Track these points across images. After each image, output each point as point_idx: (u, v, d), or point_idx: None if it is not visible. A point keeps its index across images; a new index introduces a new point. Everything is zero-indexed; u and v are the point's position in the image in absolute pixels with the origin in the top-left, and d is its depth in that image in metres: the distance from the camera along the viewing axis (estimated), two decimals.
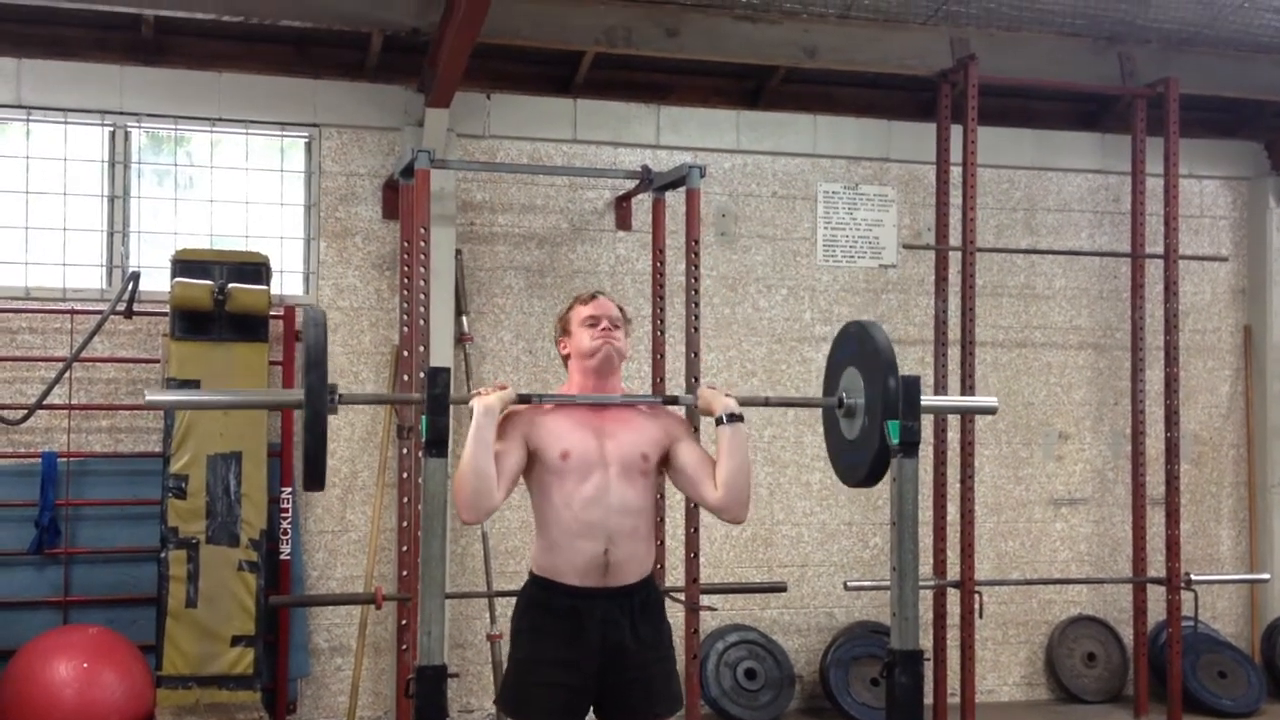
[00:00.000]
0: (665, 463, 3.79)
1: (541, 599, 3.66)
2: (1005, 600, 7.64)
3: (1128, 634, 7.57)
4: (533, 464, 3.66)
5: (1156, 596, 7.36)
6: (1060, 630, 7.72)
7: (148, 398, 3.85)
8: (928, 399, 4.45)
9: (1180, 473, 7.37)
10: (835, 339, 4.29)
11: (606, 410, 3.74)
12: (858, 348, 4.07)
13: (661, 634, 3.76)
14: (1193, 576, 7.23)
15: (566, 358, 3.84)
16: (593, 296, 3.86)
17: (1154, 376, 7.49)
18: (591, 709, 3.70)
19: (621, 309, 3.88)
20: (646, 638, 3.68)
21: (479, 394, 3.61)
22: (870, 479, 4.03)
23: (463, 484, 3.49)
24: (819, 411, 4.32)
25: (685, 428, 3.87)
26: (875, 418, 3.90)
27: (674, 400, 4.04)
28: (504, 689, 3.76)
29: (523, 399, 3.69)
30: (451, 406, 3.62)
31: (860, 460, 4.04)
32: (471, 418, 3.54)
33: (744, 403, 3.85)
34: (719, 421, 3.79)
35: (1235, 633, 8.08)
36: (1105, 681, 7.66)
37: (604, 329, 3.76)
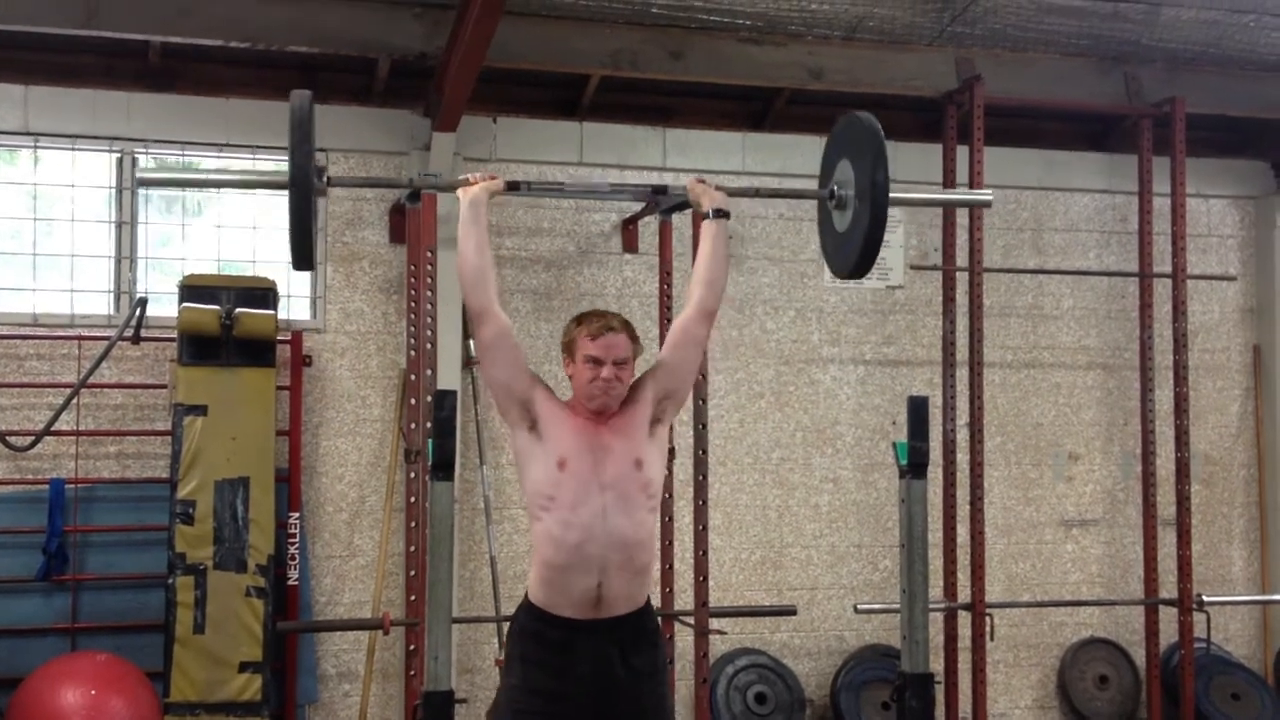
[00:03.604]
0: (663, 412, 3.78)
1: (534, 629, 3.64)
2: (1016, 623, 7.60)
3: (1140, 656, 7.52)
4: (529, 443, 3.63)
5: (1168, 618, 7.31)
6: (1072, 652, 7.67)
7: (139, 175, 3.89)
8: (918, 195, 4.40)
9: (1191, 493, 7.34)
10: (831, 131, 4.30)
11: (603, 424, 3.70)
12: (850, 139, 4.06)
13: (655, 662, 3.73)
14: (1205, 598, 7.18)
15: (571, 375, 3.82)
16: (601, 333, 3.70)
17: (1163, 396, 7.46)
18: None
19: (631, 333, 3.77)
20: (639, 667, 3.65)
21: (466, 182, 3.71)
22: (859, 268, 4.07)
23: (461, 270, 3.64)
24: (828, 432, 4.30)
25: (650, 373, 3.83)
26: (865, 201, 3.90)
27: (663, 190, 4.09)
28: (494, 713, 3.75)
29: (511, 186, 3.73)
30: (457, 428, 3.61)
31: (850, 246, 4.05)
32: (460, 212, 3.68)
33: (733, 194, 3.96)
34: (705, 216, 3.88)
35: (1248, 654, 8.03)
36: (1118, 704, 7.61)
37: (605, 380, 3.67)
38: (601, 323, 3.73)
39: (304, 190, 3.42)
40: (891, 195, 3.96)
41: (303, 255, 3.61)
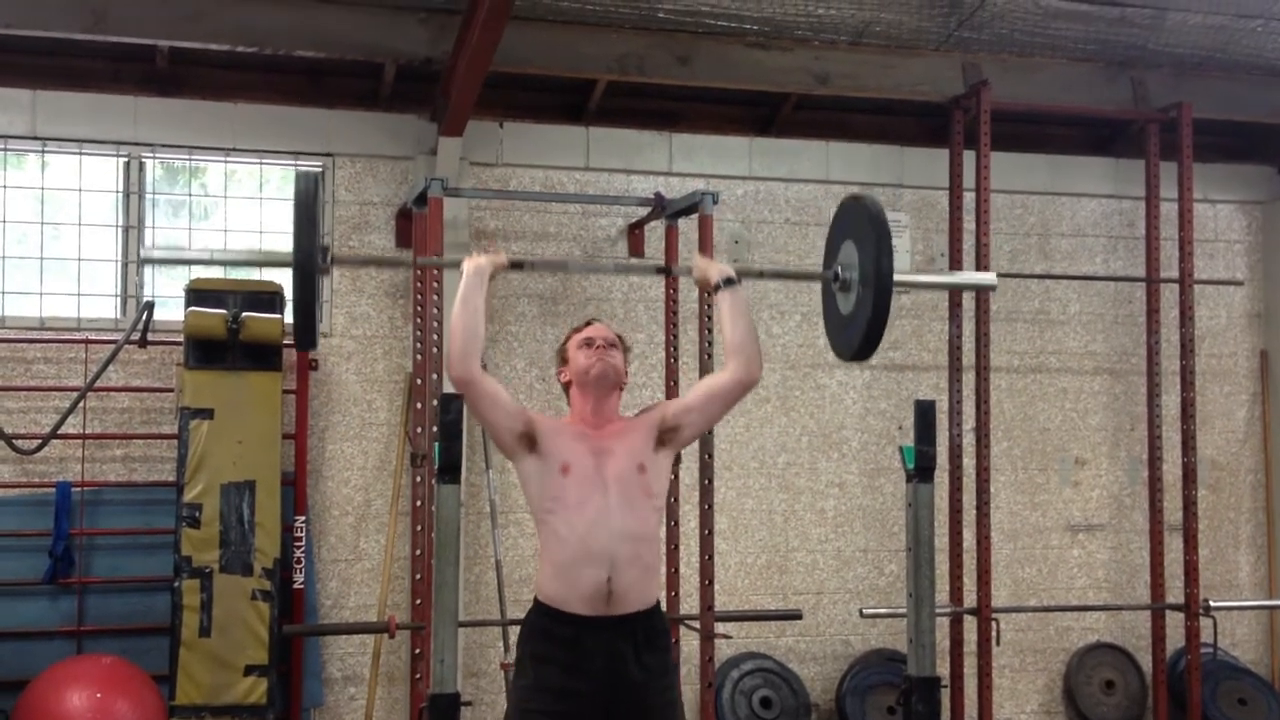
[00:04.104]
0: (671, 438, 3.80)
1: (545, 627, 3.65)
2: (1022, 627, 7.59)
3: (1146, 661, 7.51)
4: (534, 466, 3.67)
5: (1175, 623, 7.29)
6: (1078, 658, 7.66)
7: (143, 253, 3.88)
8: (923, 276, 4.38)
9: (1198, 498, 7.32)
10: (835, 213, 4.26)
11: (604, 428, 3.74)
12: (854, 222, 4.04)
13: (666, 662, 3.76)
14: (1211, 603, 7.16)
15: (567, 385, 3.89)
16: (587, 323, 3.95)
17: (1170, 402, 7.45)
18: None
19: (620, 337, 3.93)
20: (652, 666, 3.66)
21: (471, 257, 3.71)
22: (863, 351, 4.01)
23: (451, 337, 3.62)
24: (833, 436, 4.29)
25: (666, 401, 3.90)
26: (869, 286, 3.86)
27: (668, 271, 4.06)
28: (508, 716, 3.76)
29: (515, 264, 3.74)
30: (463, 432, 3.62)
31: (854, 330, 4.01)
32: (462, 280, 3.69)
33: (738, 273, 3.88)
34: (716, 289, 3.85)
35: (1255, 659, 8.01)
36: (1124, 709, 7.59)
37: (599, 348, 3.82)
38: (587, 318, 4.06)
39: (308, 272, 3.45)
40: (896, 278, 3.92)
41: (306, 332, 3.62)
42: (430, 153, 6.72)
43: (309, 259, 3.45)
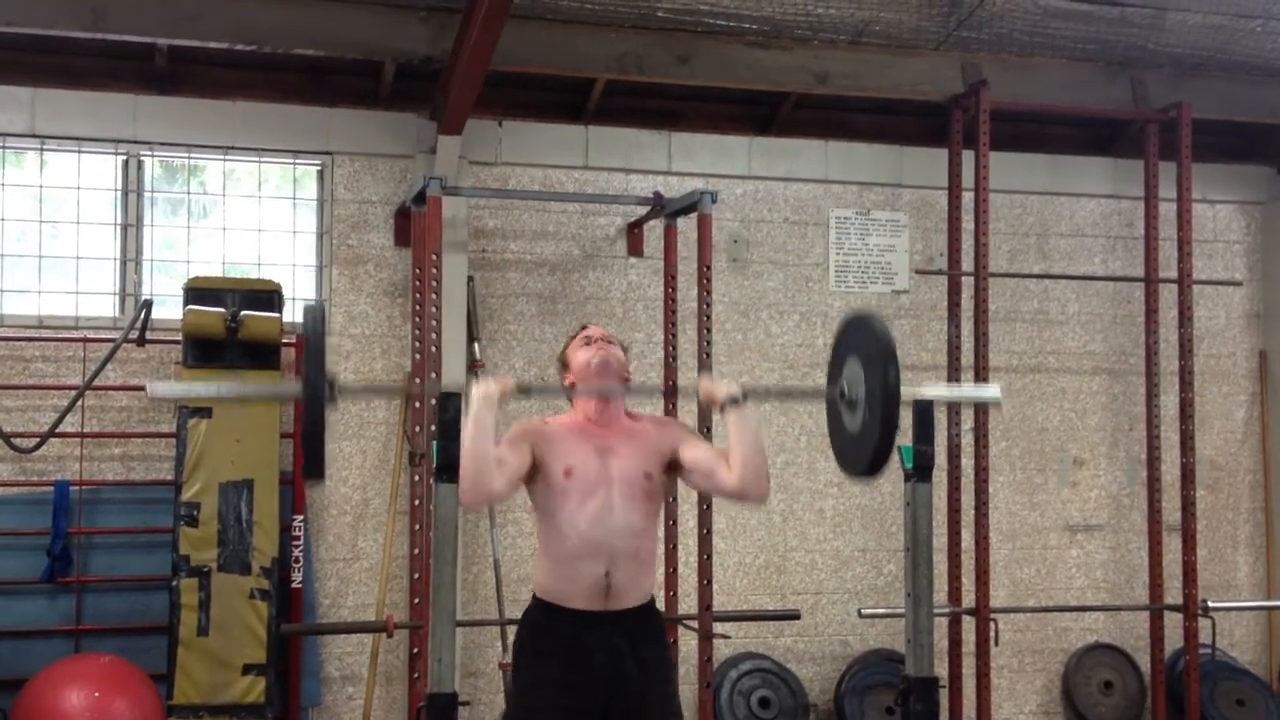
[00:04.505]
0: (675, 469, 3.82)
1: (544, 622, 3.69)
2: (1021, 628, 7.59)
3: (1145, 662, 7.51)
4: (537, 478, 3.70)
5: (1173, 624, 7.30)
6: (1077, 658, 7.66)
7: (150, 389, 3.87)
8: (929, 391, 4.32)
9: (1196, 498, 7.32)
10: (838, 329, 4.25)
11: (610, 428, 3.76)
12: (859, 339, 4.05)
13: (663, 657, 3.81)
14: (1210, 603, 7.17)
15: (570, 388, 3.88)
16: (583, 328, 4.01)
17: (1169, 402, 7.45)
18: None
19: (622, 344, 3.99)
20: (649, 660, 3.69)
21: (479, 382, 3.68)
22: (871, 471, 3.96)
23: (463, 465, 3.53)
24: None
25: (686, 430, 3.92)
26: (875, 409, 3.85)
27: (673, 390, 4.04)
28: (509, 713, 3.78)
29: (523, 389, 3.72)
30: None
31: (861, 452, 3.98)
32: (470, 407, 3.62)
33: (746, 393, 3.84)
34: (722, 409, 3.80)
35: (1253, 660, 8.01)
36: (1122, 710, 7.59)
37: (597, 342, 3.87)
38: (582, 324, 4.10)
39: (317, 404, 3.45)
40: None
41: (316, 464, 3.60)
42: (429, 151, 6.71)
43: (319, 393, 3.46)
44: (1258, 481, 8.12)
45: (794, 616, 6.73)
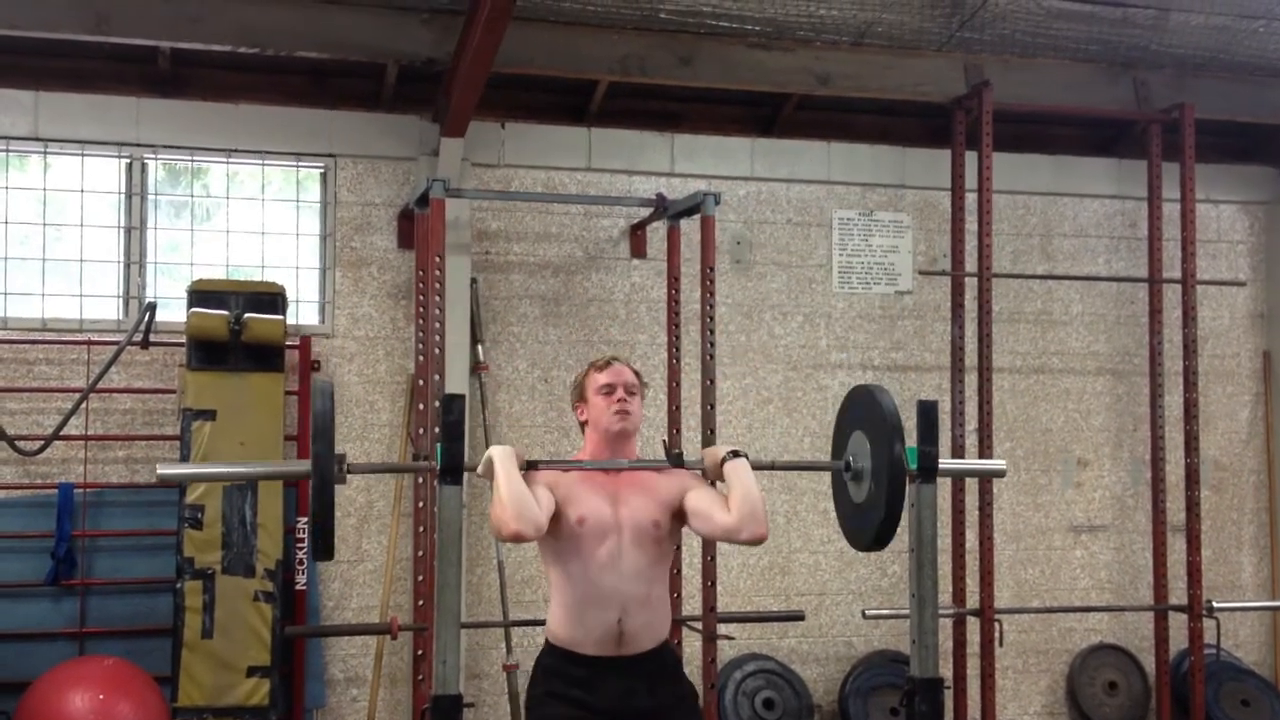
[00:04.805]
0: (680, 517, 3.81)
1: (557, 667, 3.72)
2: (1025, 629, 7.58)
3: (1149, 662, 7.50)
4: (553, 524, 3.66)
5: (1178, 624, 7.28)
6: (1081, 659, 7.65)
7: (160, 472, 3.87)
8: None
9: (1201, 499, 7.31)
10: (843, 402, 4.24)
11: (620, 477, 3.77)
12: (865, 412, 4.04)
13: (681, 691, 3.81)
14: (1214, 604, 7.15)
15: (584, 424, 3.89)
16: (608, 363, 3.90)
17: (1173, 402, 7.44)
18: None
19: (638, 374, 3.93)
20: (664, 697, 3.72)
21: (494, 446, 3.67)
22: (877, 544, 3.93)
23: (504, 506, 3.47)
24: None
25: (696, 478, 3.88)
26: (881, 483, 3.83)
27: (680, 459, 3.99)
28: None
29: (530, 465, 3.69)
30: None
31: (868, 524, 3.95)
32: (482, 468, 3.63)
33: (754, 468, 3.80)
34: (723, 463, 3.78)
35: (1258, 660, 8.00)
36: (1127, 710, 7.58)
37: (619, 400, 3.81)
38: (607, 357, 3.97)
39: (326, 483, 3.45)
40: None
41: (325, 544, 3.57)
42: (432, 154, 6.71)
43: (328, 471, 3.46)
44: (1262, 482, 8.11)
45: (798, 617, 6.72)
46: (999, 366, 7.30)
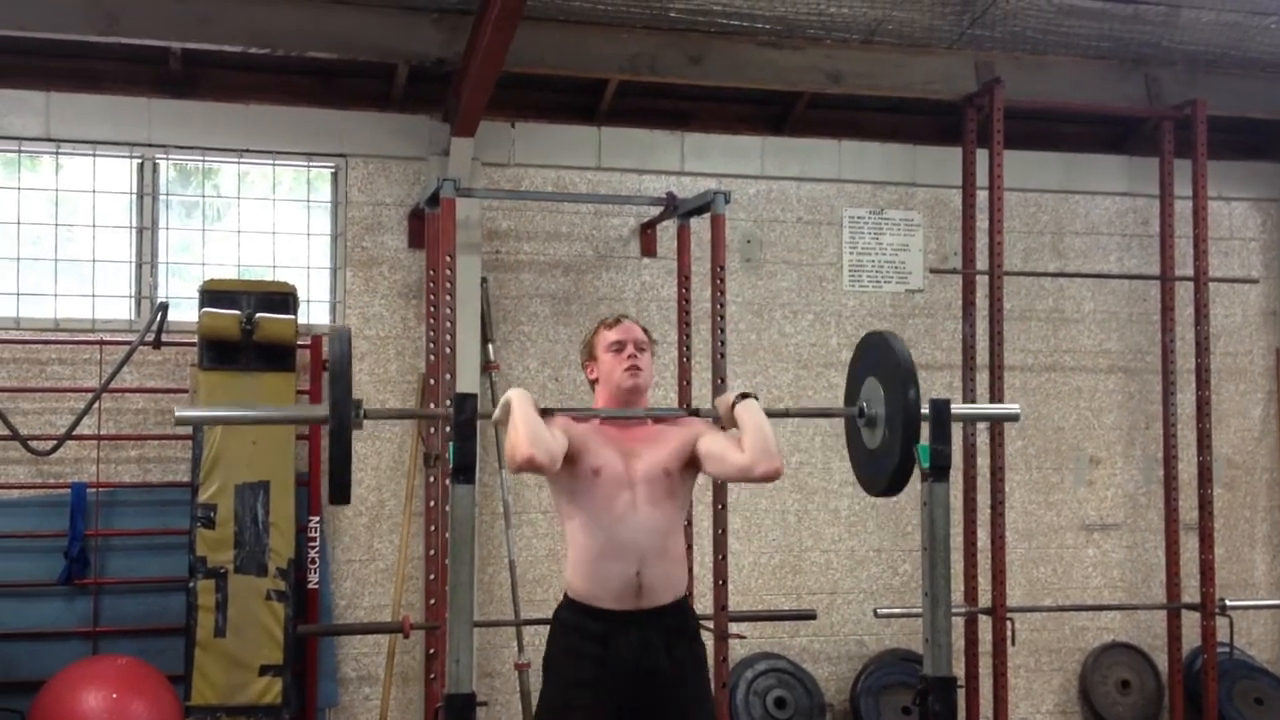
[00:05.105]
0: (693, 465, 3.82)
1: (575, 622, 3.71)
2: (1038, 627, 7.57)
3: (1162, 661, 7.48)
4: (568, 472, 3.69)
5: (1191, 623, 7.27)
6: (1094, 657, 7.64)
7: (178, 414, 3.89)
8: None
9: (1213, 497, 7.30)
10: (856, 348, 4.27)
11: (633, 432, 3.78)
12: (878, 358, 4.06)
13: (698, 655, 3.81)
14: (1227, 602, 7.14)
15: (594, 382, 3.90)
16: (617, 320, 3.94)
17: (1185, 400, 7.42)
18: None
19: (646, 331, 3.97)
20: (683, 659, 3.71)
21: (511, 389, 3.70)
22: (891, 489, 3.99)
23: (518, 433, 3.49)
24: (846, 436, 4.31)
25: (706, 424, 3.90)
26: (895, 429, 3.87)
27: (695, 413, 4.02)
28: (540, 713, 3.78)
29: (546, 412, 3.70)
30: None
31: (881, 470, 4.01)
32: (499, 412, 3.66)
33: (767, 414, 3.84)
34: (734, 405, 3.82)
35: (1271, 659, 7.98)
36: (1140, 709, 7.57)
37: (630, 355, 3.85)
38: (616, 315, 4.03)
39: (343, 425, 3.49)
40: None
41: (342, 487, 3.61)
42: (443, 153, 6.72)
43: (345, 413, 3.49)
44: (1275, 480, 8.08)
45: (810, 616, 6.72)
46: (1010, 364, 7.28)
